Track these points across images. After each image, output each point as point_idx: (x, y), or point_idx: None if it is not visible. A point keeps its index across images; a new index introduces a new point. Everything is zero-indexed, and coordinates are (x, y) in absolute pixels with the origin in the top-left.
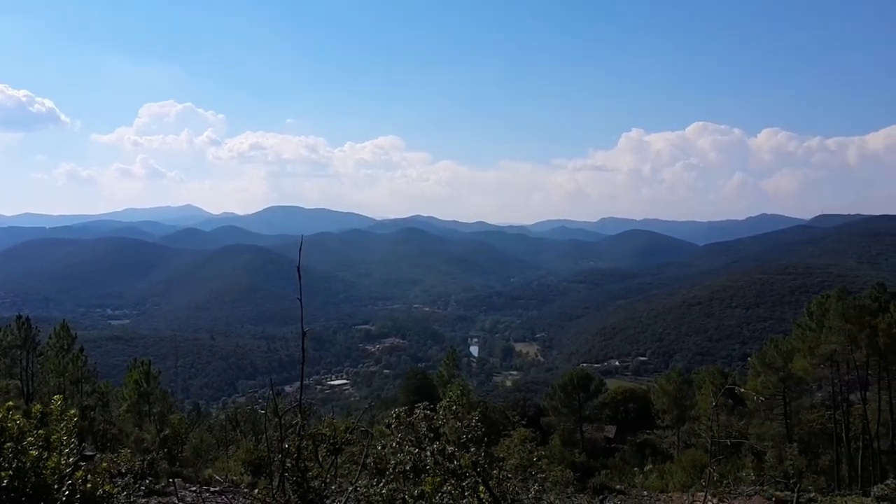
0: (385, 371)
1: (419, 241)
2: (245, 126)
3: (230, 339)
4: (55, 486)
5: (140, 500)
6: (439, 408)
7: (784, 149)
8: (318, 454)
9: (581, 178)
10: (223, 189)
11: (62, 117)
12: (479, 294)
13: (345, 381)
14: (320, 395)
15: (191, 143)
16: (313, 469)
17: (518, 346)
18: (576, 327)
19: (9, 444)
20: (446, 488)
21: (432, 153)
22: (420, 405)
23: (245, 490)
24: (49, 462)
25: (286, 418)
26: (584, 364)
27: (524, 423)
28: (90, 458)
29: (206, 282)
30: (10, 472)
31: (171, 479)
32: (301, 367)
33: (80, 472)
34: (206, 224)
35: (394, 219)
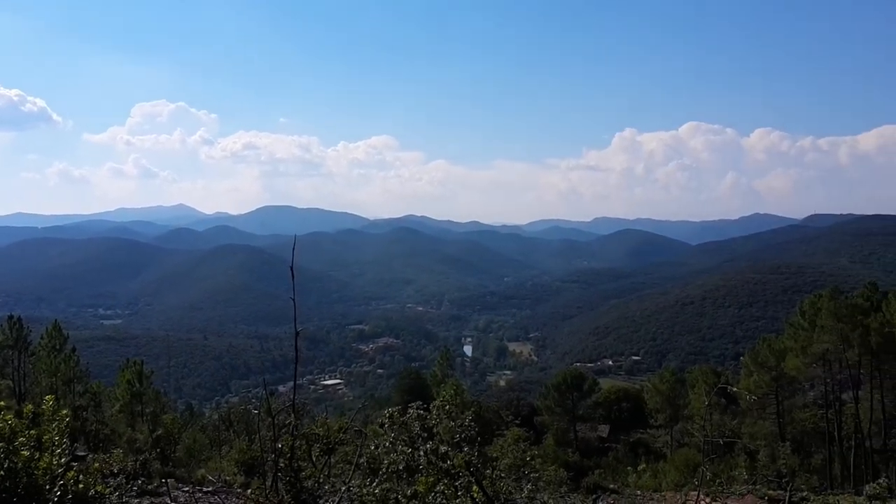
0: (379, 371)
1: (413, 240)
2: (238, 125)
3: (223, 339)
4: (47, 487)
5: (132, 501)
6: (433, 407)
7: (777, 149)
8: (311, 454)
9: (574, 178)
10: (216, 189)
11: (54, 117)
12: (473, 294)
13: (338, 381)
14: (314, 395)
15: (183, 142)
16: (307, 469)
17: (512, 346)
18: (569, 327)
19: (0, 445)
20: (440, 488)
21: (426, 153)
22: (413, 405)
23: (238, 490)
24: (41, 462)
25: (279, 418)
26: (578, 363)
27: (518, 422)
28: (82, 458)
29: (199, 282)
30: (1, 473)
31: (163, 480)
32: (294, 366)
33: (72, 473)
34: (199, 224)
35: (387, 218)
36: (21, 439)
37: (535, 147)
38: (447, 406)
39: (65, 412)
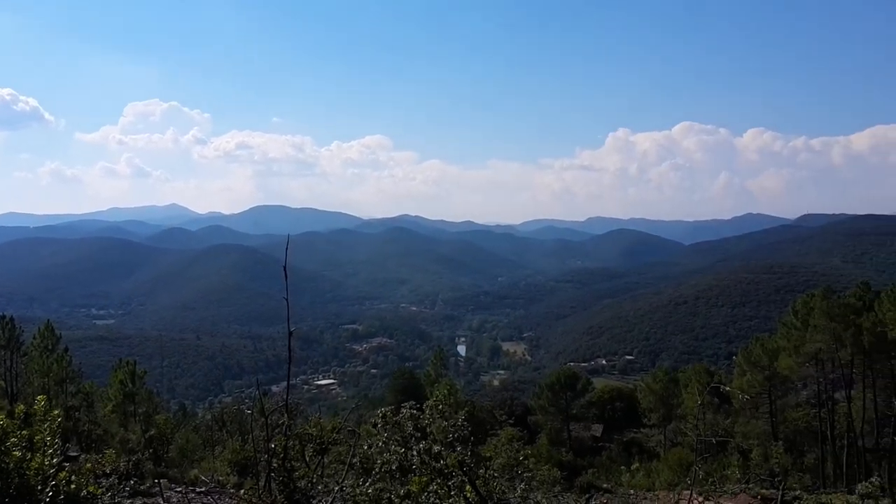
0: (372, 371)
1: (406, 240)
2: (231, 125)
3: (216, 339)
4: (39, 487)
5: (125, 501)
6: (426, 407)
7: (769, 149)
8: (304, 454)
9: (568, 178)
10: (209, 188)
11: (46, 116)
12: (467, 293)
13: (332, 381)
14: (307, 395)
15: (176, 141)
16: (300, 469)
17: (505, 346)
18: (563, 326)
19: None
20: (433, 488)
21: (420, 152)
22: (407, 404)
23: (231, 490)
24: (33, 463)
25: (273, 418)
26: (572, 363)
27: (511, 422)
28: (74, 458)
29: (192, 281)
30: None
31: (156, 480)
32: (288, 366)
33: (64, 473)
34: (192, 223)
35: (381, 218)
36: (13, 439)
37: (529, 147)
38: (440, 406)
39: (57, 412)
